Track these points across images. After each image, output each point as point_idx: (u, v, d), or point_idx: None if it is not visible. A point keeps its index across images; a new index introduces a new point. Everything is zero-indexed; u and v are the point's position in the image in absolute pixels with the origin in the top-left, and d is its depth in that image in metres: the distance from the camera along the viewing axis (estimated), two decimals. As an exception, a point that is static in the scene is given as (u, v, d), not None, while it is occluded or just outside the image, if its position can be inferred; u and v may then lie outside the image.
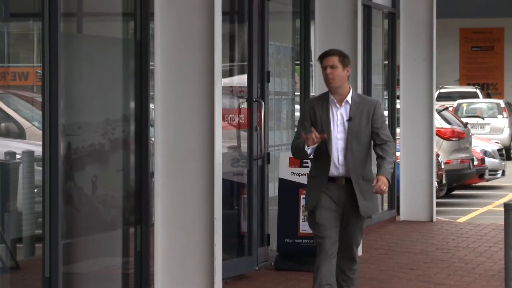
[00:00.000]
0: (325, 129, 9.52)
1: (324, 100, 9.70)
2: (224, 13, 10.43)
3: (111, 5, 10.37)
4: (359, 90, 14.84)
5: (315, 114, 9.63)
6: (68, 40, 9.10)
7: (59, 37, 8.74)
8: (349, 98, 9.62)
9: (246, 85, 12.72)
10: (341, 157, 9.57)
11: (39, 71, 8.81)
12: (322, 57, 9.68)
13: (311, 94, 14.81)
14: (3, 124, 9.06)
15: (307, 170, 12.86)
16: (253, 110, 12.63)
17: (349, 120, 9.55)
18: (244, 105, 12.70)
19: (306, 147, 9.45)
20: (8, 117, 9.06)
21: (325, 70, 9.56)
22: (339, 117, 9.61)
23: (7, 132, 9.06)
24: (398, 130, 18.07)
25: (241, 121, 12.65)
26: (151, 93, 10.14)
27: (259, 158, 12.69)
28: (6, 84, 9.02)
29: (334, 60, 9.55)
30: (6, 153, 8.78)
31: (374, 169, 9.72)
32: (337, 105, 9.61)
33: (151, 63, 10.13)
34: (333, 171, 9.57)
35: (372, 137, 9.66)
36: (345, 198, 9.58)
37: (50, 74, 8.70)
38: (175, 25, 9.93)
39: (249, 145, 12.70)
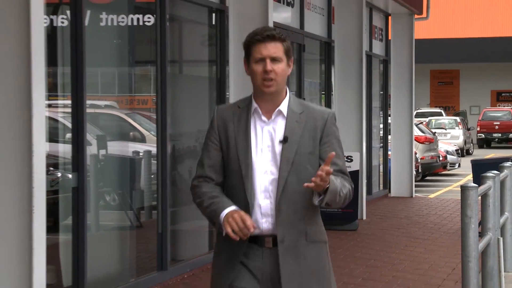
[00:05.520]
0: (241, 156, 4.00)
1: (243, 110, 4.07)
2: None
3: (201, 54, 10.42)
4: (364, 113, 14.69)
5: (226, 132, 4.05)
6: (173, 78, 9.15)
7: (167, 76, 8.78)
8: (283, 107, 4.04)
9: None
10: (267, 203, 4.00)
11: (154, 99, 8.86)
12: (258, 40, 4.00)
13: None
14: (131, 133, 9.11)
15: (329, 163, 12.96)
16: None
17: (284, 141, 4.01)
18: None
19: (221, 226, 3.93)
20: (135, 128, 9.12)
21: (260, 64, 4.00)
22: (266, 137, 4.03)
23: (134, 138, 9.13)
24: (389, 137, 18.06)
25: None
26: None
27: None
28: (133, 107, 9.08)
29: (278, 48, 4.00)
30: (133, 152, 8.84)
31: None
32: (264, 118, 4.04)
33: (227, 93, 10.18)
34: (264, 225, 4.00)
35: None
36: (274, 271, 4.01)
37: (161, 101, 8.75)
38: (241, 69, 9.94)
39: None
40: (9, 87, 5.65)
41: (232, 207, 3.95)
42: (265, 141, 4.04)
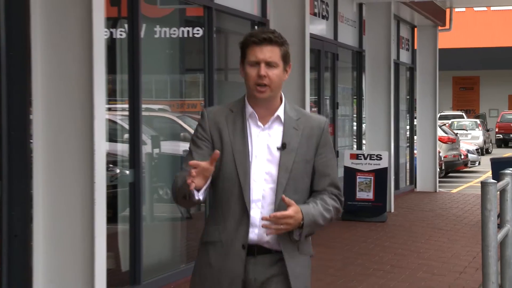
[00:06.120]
0: (239, 163, 3.33)
1: (236, 114, 3.41)
2: (311, 68, 10.46)
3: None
4: (392, 116, 14.64)
5: (220, 135, 3.38)
6: (219, 84, 9.16)
7: (214, 83, 8.79)
8: (280, 112, 3.41)
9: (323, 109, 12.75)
10: (257, 213, 3.34)
11: (202, 103, 8.88)
12: (254, 42, 3.32)
13: (363, 116, 14.73)
14: (182, 134, 9.12)
15: (362, 162, 12.94)
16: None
17: (282, 148, 3.37)
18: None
19: (192, 191, 3.20)
20: (185, 130, 9.13)
21: (254, 68, 3.33)
22: (262, 143, 3.38)
23: (184, 138, 9.14)
24: (415, 137, 17.95)
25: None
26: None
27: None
28: (184, 110, 9.09)
29: (274, 52, 3.33)
30: (184, 151, 8.81)
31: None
32: (260, 123, 3.39)
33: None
34: (250, 235, 3.35)
35: (311, 179, 3.44)
36: (259, 279, 3.38)
37: (209, 105, 8.75)
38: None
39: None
40: (74, 92, 5.70)
41: None
42: (261, 147, 3.38)
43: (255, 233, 3.37)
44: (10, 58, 5.64)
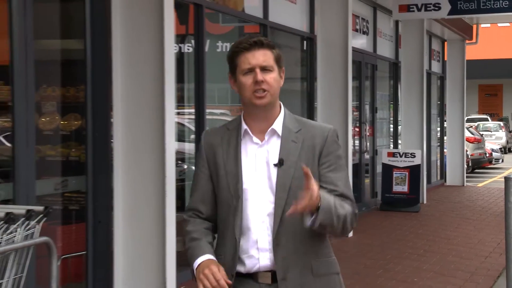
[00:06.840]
0: (232, 186, 2.58)
1: (232, 132, 2.67)
2: (353, 77, 10.41)
3: (294, 73, 10.42)
4: (424, 119, 14.53)
5: (215, 158, 2.65)
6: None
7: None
8: (277, 125, 2.62)
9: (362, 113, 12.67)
10: (264, 236, 2.57)
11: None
12: (244, 49, 2.62)
13: (398, 119, 14.60)
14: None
15: (398, 159, 12.84)
16: (362, 127, 12.50)
17: (279, 164, 2.54)
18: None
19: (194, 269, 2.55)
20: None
21: (249, 76, 2.62)
22: (259, 161, 2.58)
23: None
24: (445, 138, 17.76)
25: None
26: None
27: (365, 152, 12.53)
28: (237, 114, 9.13)
29: (268, 56, 2.61)
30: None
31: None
32: (256, 139, 2.60)
33: (315, 103, 10.15)
34: (252, 261, 2.58)
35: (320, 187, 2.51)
36: None
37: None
38: (327, 84, 9.92)
39: (360, 145, 12.35)
40: (148, 99, 5.76)
41: (206, 257, 2.58)
42: (259, 166, 2.60)
43: (267, 258, 2.60)
44: (94, 69, 5.73)
